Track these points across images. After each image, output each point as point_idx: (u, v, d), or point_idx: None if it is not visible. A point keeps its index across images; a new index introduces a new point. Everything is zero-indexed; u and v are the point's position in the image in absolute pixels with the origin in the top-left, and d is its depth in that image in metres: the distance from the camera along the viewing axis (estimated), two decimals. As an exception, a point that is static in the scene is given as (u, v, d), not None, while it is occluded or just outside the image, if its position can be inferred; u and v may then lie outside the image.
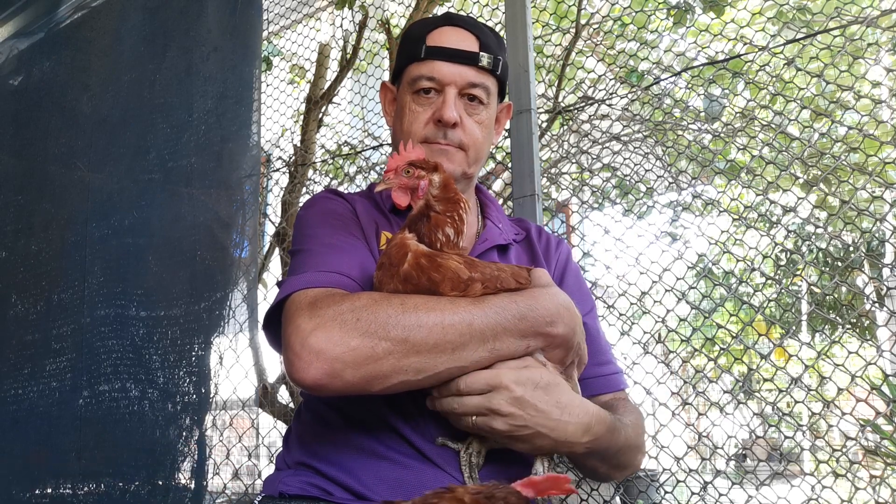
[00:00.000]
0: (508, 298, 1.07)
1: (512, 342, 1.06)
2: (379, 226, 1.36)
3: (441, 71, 1.36)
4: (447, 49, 1.37)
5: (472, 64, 1.37)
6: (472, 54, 1.37)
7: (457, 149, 1.38)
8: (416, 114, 1.39)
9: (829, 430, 2.42)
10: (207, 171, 2.62)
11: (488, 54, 1.38)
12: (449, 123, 1.35)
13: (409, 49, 1.42)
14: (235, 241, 2.60)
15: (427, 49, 1.38)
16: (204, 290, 2.54)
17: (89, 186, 2.77)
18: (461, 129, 1.37)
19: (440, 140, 1.37)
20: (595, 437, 1.10)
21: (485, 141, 1.44)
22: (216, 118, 2.64)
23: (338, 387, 1.02)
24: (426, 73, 1.37)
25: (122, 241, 2.64)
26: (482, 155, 1.45)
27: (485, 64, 1.37)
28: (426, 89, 1.38)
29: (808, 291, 2.73)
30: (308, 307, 1.08)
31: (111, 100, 2.85)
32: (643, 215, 2.37)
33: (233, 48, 2.73)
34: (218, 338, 2.55)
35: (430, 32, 1.40)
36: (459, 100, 1.38)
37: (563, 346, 1.11)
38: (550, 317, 1.08)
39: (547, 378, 1.07)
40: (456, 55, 1.36)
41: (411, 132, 1.38)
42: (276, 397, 3.06)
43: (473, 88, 1.38)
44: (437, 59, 1.37)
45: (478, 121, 1.40)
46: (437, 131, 1.37)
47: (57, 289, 2.73)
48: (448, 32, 1.39)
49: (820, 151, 2.10)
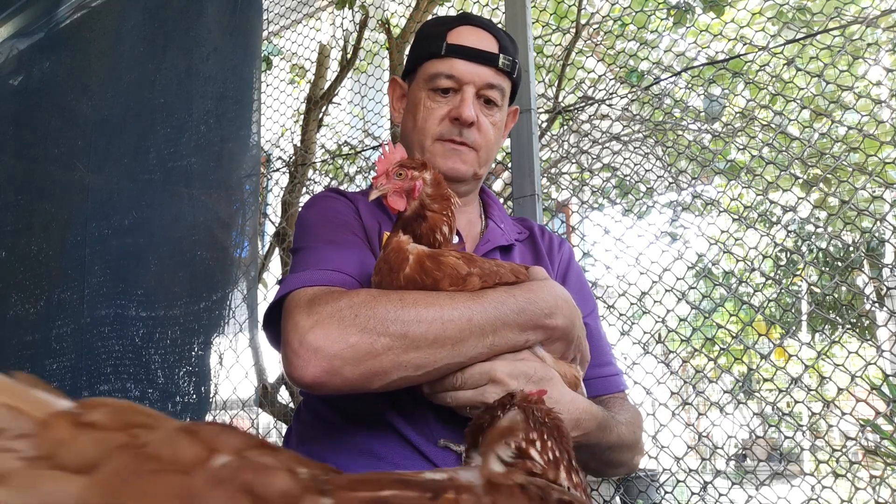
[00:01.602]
0: (506, 292, 1.07)
1: (511, 336, 1.06)
2: (381, 225, 1.36)
3: (461, 70, 1.36)
4: (468, 48, 1.37)
5: (491, 65, 1.37)
6: (493, 55, 1.37)
7: (470, 148, 1.38)
8: (431, 110, 1.38)
9: (829, 430, 2.42)
10: (207, 171, 2.62)
11: (506, 56, 1.39)
12: (467, 122, 1.35)
13: (426, 46, 1.41)
14: (235, 241, 2.60)
15: (448, 47, 1.37)
16: (204, 290, 2.54)
17: (89, 187, 2.77)
18: (476, 129, 1.38)
19: (455, 137, 1.37)
20: (584, 431, 1.10)
21: (496, 143, 1.44)
22: (216, 118, 2.64)
23: (337, 384, 1.01)
24: (445, 71, 1.37)
25: (122, 241, 2.64)
26: (492, 156, 1.46)
27: (503, 66, 1.38)
28: (444, 88, 1.38)
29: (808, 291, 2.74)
30: (306, 305, 1.07)
31: (111, 100, 2.85)
32: (643, 215, 2.37)
33: (233, 48, 2.73)
34: (218, 338, 2.55)
35: (450, 30, 1.40)
36: (476, 100, 1.38)
37: (563, 339, 1.11)
38: (549, 309, 1.08)
39: (541, 372, 1.07)
40: (477, 55, 1.37)
41: (425, 128, 1.38)
42: (276, 397, 3.06)
43: (490, 90, 1.38)
44: (457, 57, 1.37)
45: (492, 122, 1.41)
46: (452, 129, 1.37)
47: (57, 289, 2.73)
48: (468, 32, 1.40)
49: (820, 151, 2.10)
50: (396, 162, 1.11)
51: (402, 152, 1.14)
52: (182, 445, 0.46)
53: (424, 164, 1.13)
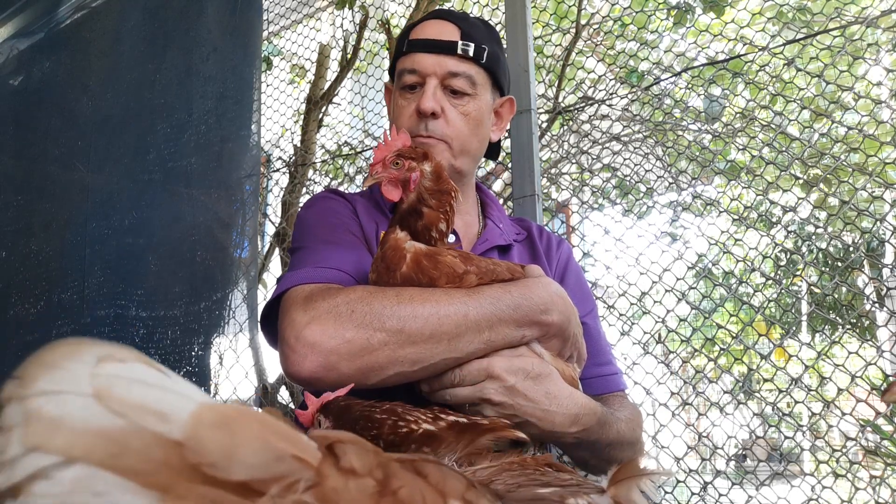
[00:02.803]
0: (502, 289, 1.07)
1: (507, 332, 1.06)
2: (379, 225, 1.36)
3: (421, 62, 1.36)
4: (425, 40, 1.37)
5: (449, 53, 1.35)
6: (450, 43, 1.35)
7: (438, 141, 1.35)
8: (402, 108, 1.39)
9: (829, 431, 2.42)
10: (207, 172, 2.63)
11: (470, 42, 1.36)
12: (427, 113, 1.33)
13: (397, 46, 1.43)
14: (235, 241, 2.60)
15: (408, 42, 1.38)
16: (204, 290, 2.54)
17: (89, 187, 2.77)
18: (443, 121, 1.35)
19: (422, 133, 1.35)
20: (583, 427, 1.10)
21: (472, 133, 1.40)
22: (216, 118, 2.65)
23: (333, 379, 1.02)
24: (408, 66, 1.37)
25: (122, 242, 2.64)
26: (469, 148, 1.40)
27: (462, 52, 1.35)
28: (412, 84, 1.37)
29: (808, 292, 2.73)
30: (303, 301, 1.08)
31: (111, 100, 2.85)
32: (643, 215, 2.37)
33: (233, 48, 2.73)
34: (218, 338, 2.55)
35: (414, 27, 1.41)
36: (444, 92, 1.36)
37: (558, 336, 1.11)
38: (544, 305, 1.08)
39: (539, 368, 1.07)
40: (433, 45, 1.36)
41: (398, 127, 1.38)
42: (276, 397, 3.06)
43: (454, 78, 1.36)
44: (416, 51, 1.37)
45: (463, 112, 1.37)
46: (418, 123, 1.35)
47: (57, 289, 2.73)
48: (430, 25, 1.39)
49: (820, 152, 2.10)
50: (395, 150, 1.08)
51: (405, 139, 1.11)
52: (428, 495, 0.46)
53: (426, 155, 1.10)
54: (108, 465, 0.26)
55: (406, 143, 1.11)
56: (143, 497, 0.26)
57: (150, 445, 0.28)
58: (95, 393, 0.28)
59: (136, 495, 0.26)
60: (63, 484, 0.24)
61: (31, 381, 0.28)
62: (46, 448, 0.25)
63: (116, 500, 0.25)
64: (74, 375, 0.27)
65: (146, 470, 0.27)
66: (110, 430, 0.26)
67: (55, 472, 0.24)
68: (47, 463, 0.25)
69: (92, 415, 0.26)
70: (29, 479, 0.25)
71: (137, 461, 0.27)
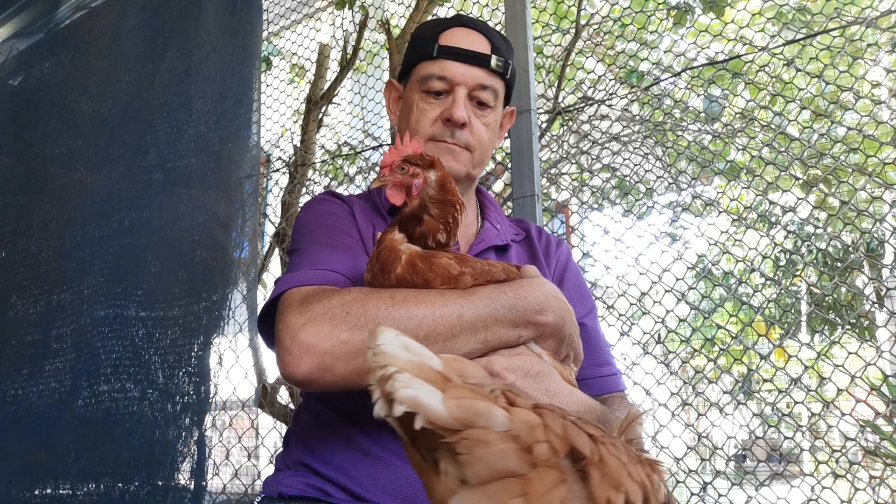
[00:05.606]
0: (497, 289, 1.08)
1: (503, 332, 1.06)
2: (376, 227, 1.36)
3: (452, 71, 1.37)
4: (460, 50, 1.37)
5: (483, 66, 1.37)
6: (484, 56, 1.37)
7: (463, 149, 1.38)
8: (424, 111, 1.39)
9: (828, 431, 2.41)
10: (207, 172, 2.63)
11: (499, 57, 1.39)
12: (458, 123, 1.36)
13: (420, 47, 1.42)
14: (235, 241, 2.60)
15: (439, 48, 1.38)
16: (203, 290, 2.54)
17: (89, 187, 2.77)
18: (469, 130, 1.38)
19: (447, 139, 1.37)
20: None
21: (490, 143, 1.44)
22: (216, 119, 2.65)
23: (329, 381, 1.02)
24: (437, 73, 1.37)
25: (121, 242, 2.64)
26: (486, 157, 1.46)
27: (495, 66, 1.38)
28: (437, 90, 1.38)
29: (808, 292, 2.73)
30: (299, 303, 1.08)
31: (111, 100, 2.85)
32: (643, 216, 2.37)
33: (232, 49, 2.73)
34: (217, 338, 2.55)
35: (442, 32, 1.40)
36: (468, 101, 1.38)
37: (554, 336, 1.11)
38: (539, 305, 1.08)
39: (538, 366, 1.07)
40: (468, 56, 1.37)
41: (417, 130, 1.38)
42: (276, 398, 3.06)
43: (483, 91, 1.38)
44: (449, 58, 1.37)
45: (485, 123, 1.41)
46: (444, 130, 1.37)
47: (57, 289, 2.73)
48: (460, 33, 1.40)
49: (820, 152, 2.10)
50: (403, 156, 1.10)
51: (416, 146, 1.13)
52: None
53: (433, 164, 1.11)
54: (415, 373, 0.59)
55: (417, 149, 1.12)
56: (433, 389, 0.58)
57: (429, 368, 0.61)
58: (404, 346, 0.62)
59: (432, 386, 0.59)
60: (402, 380, 0.58)
61: (377, 337, 0.61)
62: (393, 365, 0.58)
63: (421, 392, 0.57)
64: (390, 338, 0.61)
65: (431, 378, 0.59)
66: (414, 361, 0.60)
67: (397, 375, 0.58)
68: (393, 371, 0.58)
69: (405, 355, 0.61)
70: (389, 377, 0.58)
71: (425, 373, 0.60)
